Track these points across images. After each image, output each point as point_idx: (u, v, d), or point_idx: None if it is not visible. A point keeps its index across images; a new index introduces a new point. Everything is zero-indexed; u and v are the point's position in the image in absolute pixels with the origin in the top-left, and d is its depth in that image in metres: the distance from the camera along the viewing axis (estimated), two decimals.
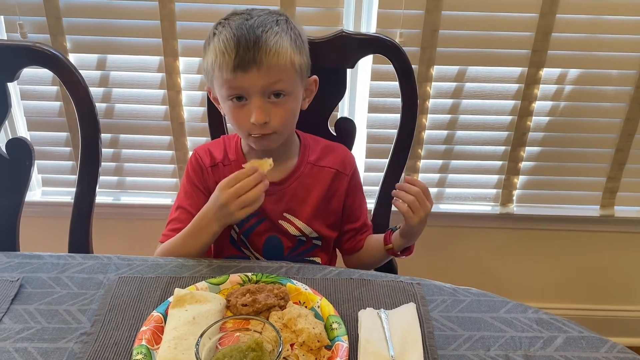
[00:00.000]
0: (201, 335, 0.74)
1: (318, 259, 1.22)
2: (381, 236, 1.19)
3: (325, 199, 1.17)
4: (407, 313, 0.89)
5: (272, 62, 0.99)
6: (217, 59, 1.01)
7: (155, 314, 0.87)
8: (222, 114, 1.14)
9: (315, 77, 1.12)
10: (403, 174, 1.32)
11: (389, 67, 1.22)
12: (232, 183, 0.99)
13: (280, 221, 1.16)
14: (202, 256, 1.07)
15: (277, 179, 1.14)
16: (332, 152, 1.19)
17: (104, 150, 1.61)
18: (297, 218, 1.16)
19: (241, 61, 0.99)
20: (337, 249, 1.29)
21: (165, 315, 0.87)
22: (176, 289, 0.89)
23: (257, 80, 1.00)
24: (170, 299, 0.89)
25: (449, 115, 1.65)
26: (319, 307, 0.90)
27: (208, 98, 1.24)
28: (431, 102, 1.63)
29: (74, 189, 1.22)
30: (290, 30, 1.04)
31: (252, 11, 1.04)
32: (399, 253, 1.17)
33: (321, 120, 1.26)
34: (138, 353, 0.80)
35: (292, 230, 1.16)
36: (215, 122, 1.29)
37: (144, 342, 0.81)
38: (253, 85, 1.01)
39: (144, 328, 0.84)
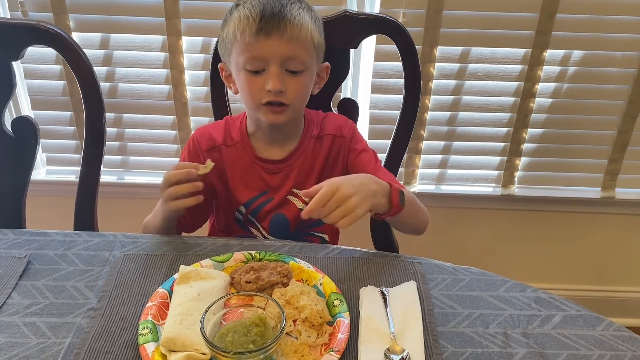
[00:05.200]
0: (206, 311, 0.75)
1: (326, 236, 1.23)
2: None
3: (327, 166, 1.17)
4: (408, 291, 0.91)
5: (294, 33, 1.01)
6: (240, 23, 1.02)
7: (161, 290, 0.89)
8: (233, 91, 1.13)
9: (327, 64, 1.14)
10: (405, 155, 1.32)
11: (393, 48, 1.22)
12: (172, 170, 1.00)
13: (288, 196, 1.17)
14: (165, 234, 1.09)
15: (283, 156, 1.15)
16: (330, 121, 1.20)
17: (107, 129, 1.62)
18: None
19: (265, 25, 1.00)
20: None
21: (170, 292, 0.88)
22: (181, 266, 0.91)
23: (278, 48, 1.01)
24: (176, 275, 0.90)
25: (452, 97, 1.65)
26: (321, 284, 0.91)
27: (211, 78, 1.25)
28: (434, 83, 1.63)
29: (78, 168, 1.23)
30: (310, 11, 1.07)
31: None
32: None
33: (324, 101, 1.26)
34: (144, 328, 0.81)
35: (299, 204, 1.16)
36: (219, 102, 1.29)
37: (150, 318, 0.83)
38: (274, 53, 1.01)
39: (149, 304, 0.86)
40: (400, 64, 1.22)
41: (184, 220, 1.15)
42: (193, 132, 1.68)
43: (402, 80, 1.24)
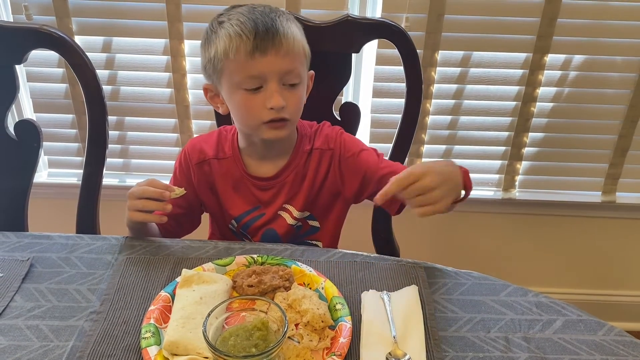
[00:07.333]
0: (208, 315, 0.75)
1: (320, 244, 1.22)
2: None
3: (314, 180, 1.15)
4: (409, 295, 0.91)
5: (289, 47, 1.00)
6: (232, 42, 0.99)
7: (163, 293, 0.89)
8: (221, 111, 1.11)
9: (312, 72, 1.13)
10: (406, 159, 1.33)
11: (394, 52, 1.22)
12: (143, 184, 1.01)
13: (279, 212, 1.16)
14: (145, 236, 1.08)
15: (273, 173, 1.14)
16: (320, 134, 1.17)
17: (109, 132, 1.63)
18: (294, 207, 1.16)
19: (260, 43, 0.98)
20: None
21: (173, 295, 0.89)
22: (184, 270, 0.91)
23: (275, 64, 1.00)
24: (178, 279, 0.91)
25: (453, 101, 1.66)
26: (323, 288, 0.92)
27: None
28: (435, 87, 1.63)
29: (80, 171, 1.23)
30: (295, 20, 1.06)
31: (253, 4, 1.05)
32: None
33: (326, 105, 1.27)
34: (147, 331, 0.82)
35: (289, 220, 1.16)
36: None
37: (152, 321, 0.84)
38: (271, 69, 1.00)
39: (152, 307, 0.86)
40: (401, 68, 1.23)
41: (171, 227, 1.15)
42: (196, 134, 1.69)
43: (404, 84, 1.24)
